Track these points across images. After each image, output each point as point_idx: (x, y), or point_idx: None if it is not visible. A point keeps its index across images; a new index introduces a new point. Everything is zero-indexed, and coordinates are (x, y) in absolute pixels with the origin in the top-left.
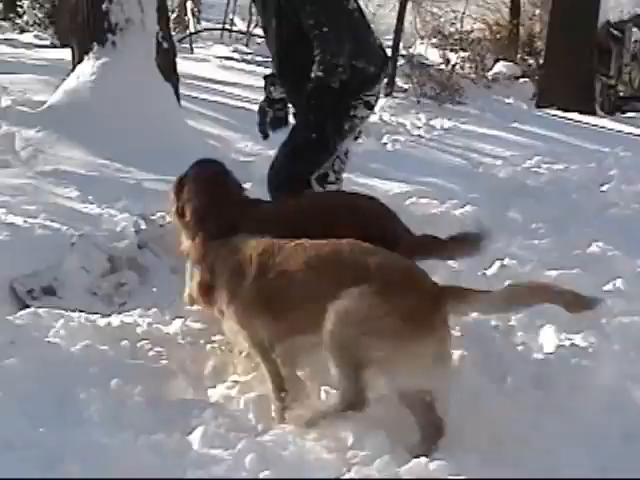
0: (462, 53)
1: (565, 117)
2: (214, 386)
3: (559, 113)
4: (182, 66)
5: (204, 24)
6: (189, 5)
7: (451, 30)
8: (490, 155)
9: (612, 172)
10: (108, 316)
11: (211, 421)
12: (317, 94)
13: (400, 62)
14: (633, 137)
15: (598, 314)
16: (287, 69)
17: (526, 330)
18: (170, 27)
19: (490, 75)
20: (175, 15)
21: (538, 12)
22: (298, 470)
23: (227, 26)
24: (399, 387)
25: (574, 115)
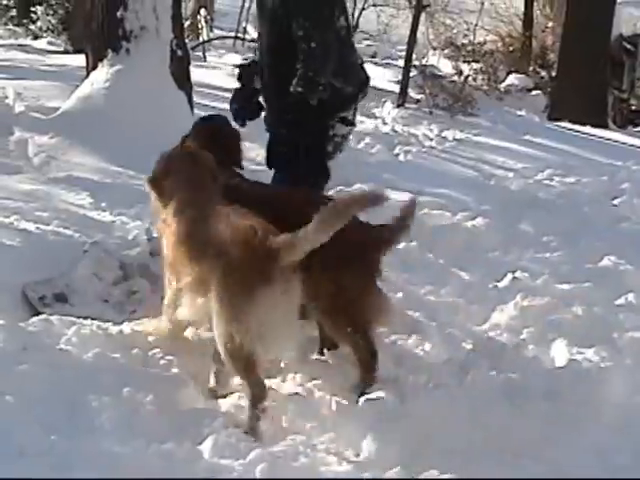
0: (475, 65)
1: (577, 130)
2: (225, 395)
3: (571, 126)
4: (195, 74)
5: (217, 32)
6: (202, 13)
7: (464, 42)
8: (502, 167)
9: (624, 185)
10: (120, 324)
11: (222, 430)
12: (294, 109)
13: (413, 73)
14: None
15: (610, 328)
16: (271, 76)
17: (537, 344)
18: (184, 35)
19: (502, 87)
20: (189, 23)
21: (551, 25)
22: None
23: (240, 34)
24: (262, 337)
25: (586, 128)
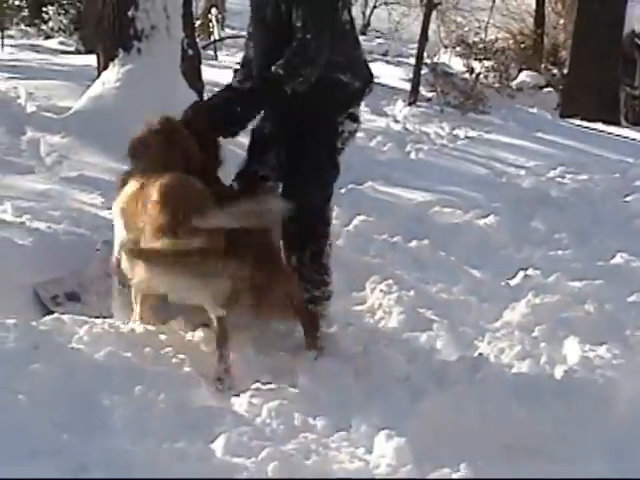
0: (486, 62)
1: (589, 127)
2: (237, 394)
3: (583, 123)
4: (206, 73)
5: (228, 31)
6: (214, 12)
7: (475, 39)
8: (514, 165)
9: (636, 183)
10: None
11: (234, 429)
12: (268, 86)
13: (424, 71)
14: None
15: (622, 326)
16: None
17: (549, 341)
18: (195, 34)
19: (514, 85)
20: (200, 22)
21: (562, 22)
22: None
23: None
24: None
25: (598, 125)
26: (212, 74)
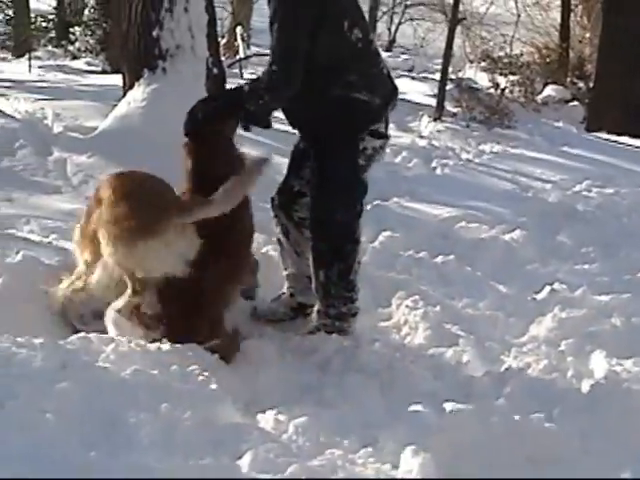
0: (511, 77)
1: (615, 140)
2: (263, 411)
3: (609, 137)
4: None
5: (254, 49)
6: (239, 30)
7: (500, 54)
8: (540, 179)
9: None
10: (158, 341)
11: (260, 445)
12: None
13: (449, 86)
14: None
15: None
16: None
17: (576, 355)
18: (220, 52)
19: (540, 99)
20: (225, 40)
21: (588, 35)
22: None
23: None
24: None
25: (625, 138)
26: None
